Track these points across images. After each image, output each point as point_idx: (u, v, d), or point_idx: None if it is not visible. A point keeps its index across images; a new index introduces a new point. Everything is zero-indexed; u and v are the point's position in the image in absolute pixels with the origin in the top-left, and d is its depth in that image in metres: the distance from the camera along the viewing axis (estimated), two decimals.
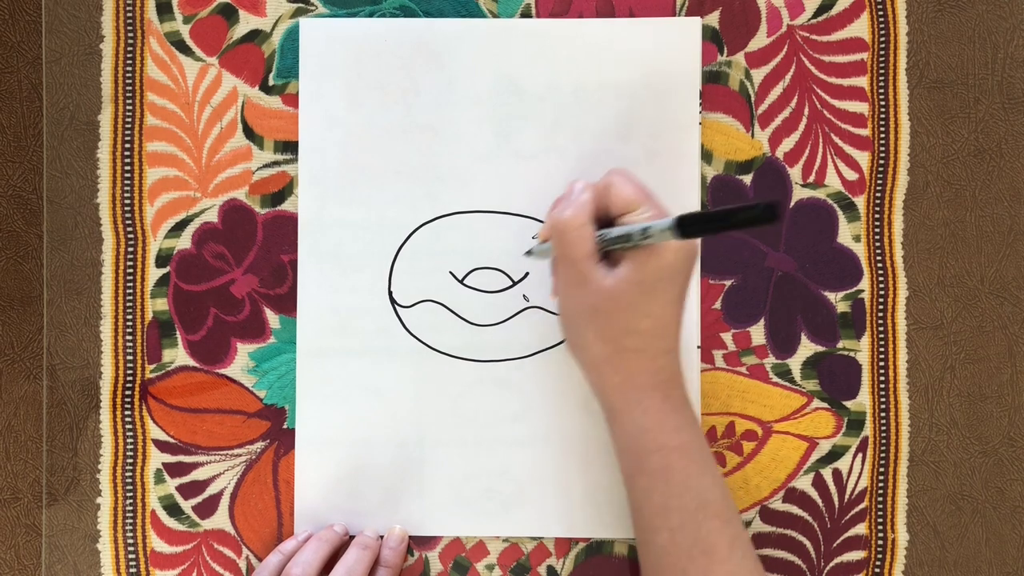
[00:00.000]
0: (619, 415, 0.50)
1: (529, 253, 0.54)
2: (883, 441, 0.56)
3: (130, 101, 0.56)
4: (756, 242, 0.56)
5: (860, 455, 0.56)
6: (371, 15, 0.56)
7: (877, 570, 0.56)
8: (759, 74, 0.56)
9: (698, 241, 0.50)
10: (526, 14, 0.56)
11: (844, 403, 0.56)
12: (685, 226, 0.43)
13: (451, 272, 0.56)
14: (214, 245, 0.56)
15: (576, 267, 0.48)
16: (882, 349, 0.56)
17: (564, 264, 0.49)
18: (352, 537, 0.55)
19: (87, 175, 0.56)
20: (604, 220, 0.50)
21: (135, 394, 0.55)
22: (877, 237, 0.56)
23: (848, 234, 0.56)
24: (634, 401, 0.49)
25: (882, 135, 0.56)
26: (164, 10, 0.56)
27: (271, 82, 0.56)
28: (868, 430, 0.56)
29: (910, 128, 0.56)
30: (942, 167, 0.56)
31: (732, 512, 0.49)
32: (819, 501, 0.56)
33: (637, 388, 0.49)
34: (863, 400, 0.56)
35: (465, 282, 0.56)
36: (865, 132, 0.56)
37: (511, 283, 0.56)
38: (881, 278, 0.56)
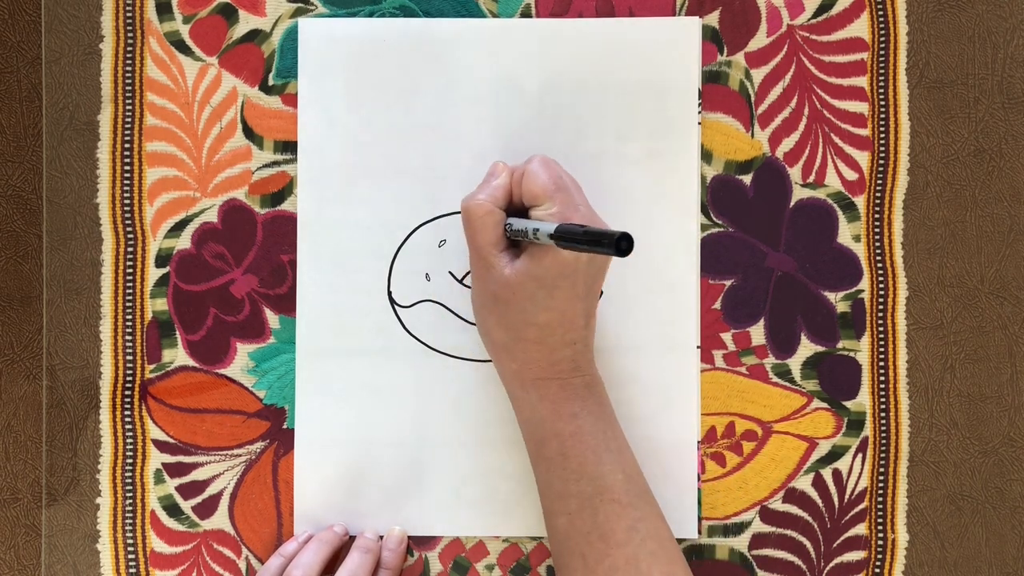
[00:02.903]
0: (517, 401, 0.51)
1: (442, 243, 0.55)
2: (883, 441, 0.56)
3: (130, 101, 0.56)
4: (756, 242, 0.56)
5: (860, 455, 0.56)
6: (371, 15, 0.56)
7: (877, 570, 0.56)
8: (759, 74, 0.56)
9: None
10: (526, 14, 0.56)
11: (844, 403, 0.56)
12: (559, 237, 0.44)
13: (451, 272, 0.56)
14: (214, 245, 0.56)
15: (480, 253, 0.49)
16: (882, 349, 0.56)
17: (471, 248, 0.50)
18: (352, 538, 0.55)
19: (87, 175, 0.56)
20: (519, 207, 0.50)
21: (135, 394, 0.55)
22: (877, 237, 0.56)
23: (848, 234, 0.56)
24: (530, 388, 0.50)
25: (882, 135, 0.56)
26: (164, 10, 0.56)
27: (271, 82, 0.56)
28: (868, 430, 0.56)
29: (910, 128, 0.56)
30: (942, 167, 0.56)
31: (635, 496, 0.49)
32: (819, 501, 0.56)
33: (533, 376, 0.49)
34: (863, 400, 0.56)
35: (465, 282, 0.56)
36: (865, 132, 0.56)
37: None
38: (881, 278, 0.56)
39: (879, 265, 0.56)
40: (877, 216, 0.56)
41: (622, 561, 0.47)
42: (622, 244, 0.40)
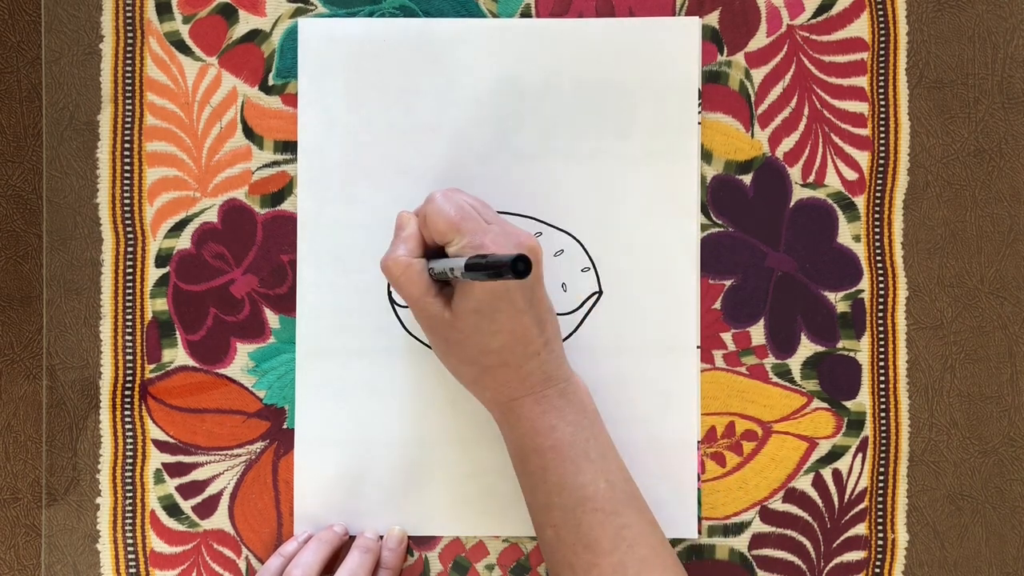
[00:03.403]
0: (500, 425, 0.52)
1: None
2: (883, 441, 0.56)
3: (130, 101, 0.56)
4: (756, 242, 0.56)
5: (860, 455, 0.56)
6: (371, 15, 0.56)
7: (877, 570, 0.56)
8: (759, 74, 0.56)
9: (540, 254, 0.49)
10: (526, 14, 0.56)
11: (844, 403, 0.56)
12: (467, 271, 0.44)
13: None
14: (214, 245, 0.56)
15: (416, 305, 0.49)
16: (882, 349, 0.56)
17: (407, 302, 0.50)
18: (352, 537, 0.55)
19: (87, 175, 0.56)
20: (435, 248, 0.50)
21: (135, 394, 0.55)
22: (877, 237, 0.56)
23: (848, 234, 0.56)
24: (507, 411, 0.50)
25: (882, 135, 0.56)
26: (164, 10, 0.56)
27: (271, 82, 0.56)
28: (868, 430, 0.56)
29: (910, 128, 0.56)
30: (942, 167, 0.56)
31: (620, 503, 0.49)
32: (819, 501, 0.56)
33: (508, 398, 0.50)
34: (863, 400, 0.56)
35: None
36: (865, 132, 0.56)
37: None
38: (881, 278, 0.56)
39: (879, 265, 0.56)
40: (877, 216, 0.56)
41: (609, 570, 0.48)
42: (518, 266, 0.41)
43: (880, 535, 0.56)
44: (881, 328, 0.56)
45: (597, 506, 0.48)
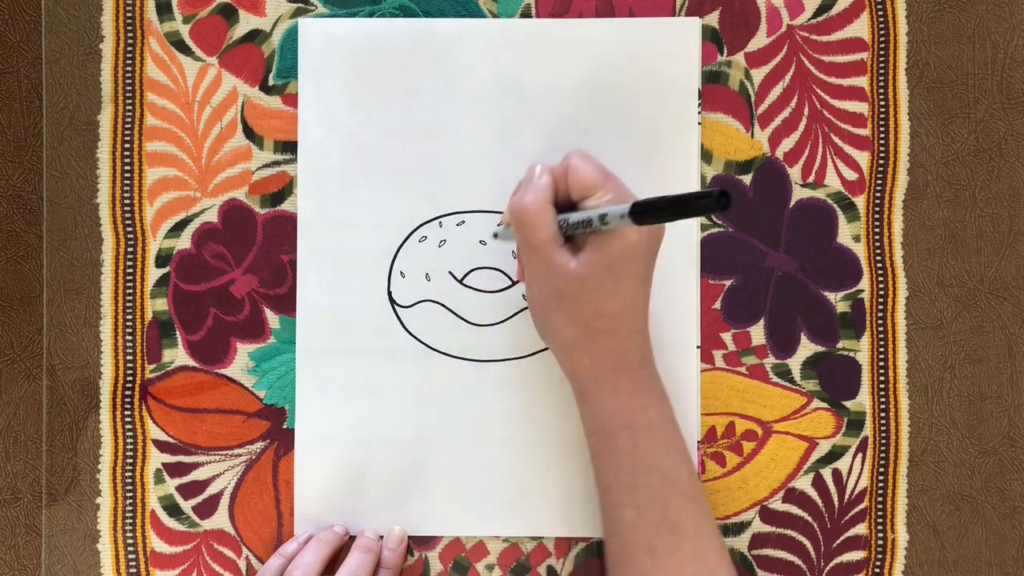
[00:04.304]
0: (589, 395, 0.50)
1: (496, 236, 0.54)
2: (883, 441, 0.56)
3: (130, 101, 0.56)
4: (756, 242, 0.56)
5: (860, 455, 0.56)
6: (371, 15, 0.56)
7: (877, 570, 0.56)
8: (759, 74, 0.56)
9: None
10: (526, 14, 0.56)
11: (844, 403, 0.56)
12: (638, 213, 0.43)
13: (450, 272, 0.56)
14: (214, 245, 0.56)
15: (539, 252, 0.48)
16: (882, 349, 0.56)
17: (527, 250, 0.49)
18: (353, 538, 0.55)
19: (87, 175, 0.56)
20: (565, 203, 0.50)
21: (135, 394, 0.56)
22: (877, 237, 0.56)
23: (848, 234, 0.56)
24: (603, 382, 0.49)
25: (882, 135, 0.56)
26: (164, 10, 0.56)
27: (271, 82, 0.56)
28: (868, 430, 0.56)
29: (910, 128, 0.56)
30: (942, 167, 0.56)
31: (698, 491, 0.49)
32: (819, 501, 0.56)
33: (606, 369, 0.49)
34: (863, 400, 0.56)
35: (464, 282, 0.56)
36: (865, 132, 0.56)
37: (510, 283, 0.56)
38: (881, 278, 0.56)
39: (879, 265, 0.56)
40: (877, 216, 0.56)
41: (691, 555, 0.48)
42: (722, 200, 0.38)
43: (880, 535, 0.56)
44: (881, 328, 0.56)
45: (684, 490, 0.48)
